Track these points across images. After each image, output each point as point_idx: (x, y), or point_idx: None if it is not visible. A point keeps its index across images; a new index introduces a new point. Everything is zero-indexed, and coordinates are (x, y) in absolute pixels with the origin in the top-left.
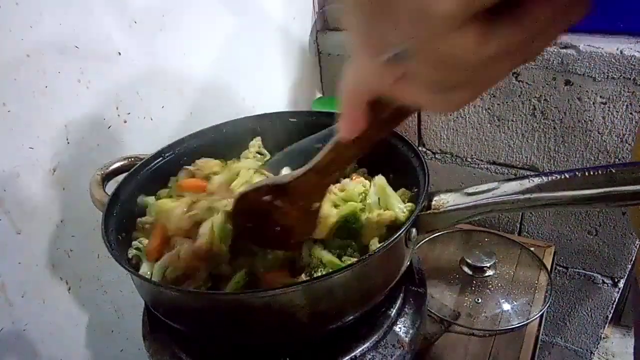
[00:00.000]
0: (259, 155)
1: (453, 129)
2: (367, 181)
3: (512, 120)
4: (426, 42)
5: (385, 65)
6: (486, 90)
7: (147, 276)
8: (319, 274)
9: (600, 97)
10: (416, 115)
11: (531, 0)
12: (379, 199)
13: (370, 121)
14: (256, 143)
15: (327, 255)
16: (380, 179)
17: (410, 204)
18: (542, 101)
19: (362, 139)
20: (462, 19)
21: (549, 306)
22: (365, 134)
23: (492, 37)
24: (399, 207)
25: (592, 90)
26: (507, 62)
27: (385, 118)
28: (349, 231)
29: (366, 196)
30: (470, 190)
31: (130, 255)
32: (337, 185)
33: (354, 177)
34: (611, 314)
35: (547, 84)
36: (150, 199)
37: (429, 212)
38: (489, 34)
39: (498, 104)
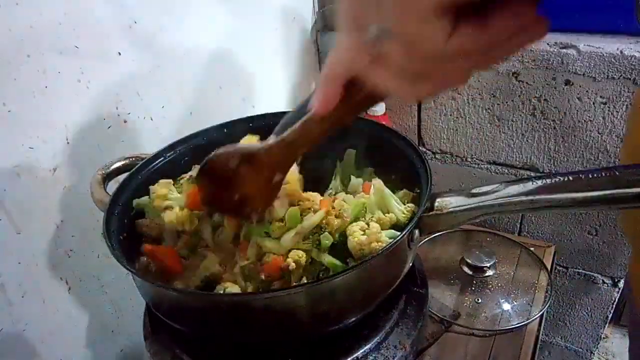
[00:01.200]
0: None
1: (453, 129)
2: (367, 196)
3: (512, 120)
4: (404, 24)
5: (364, 45)
6: (446, 88)
7: None
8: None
9: (600, 97)
10: (416, 115)
11: (499, 13)
12: (378, 203)
13: (342, 100)
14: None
15: (329, 258)
16: (378, 183)
17: (410, 204)
18: (542, 101)
19: (332, 117)
20: (440, 9)
21: (549, 306)
22: (336, 112)
23: (458, 34)
24: (398, 208)
25: (592, 90)
26: (466, 63)
27: (356, 100)
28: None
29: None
30: (473, 191)
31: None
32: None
33: (365, 185)
34: (611, 314)
35: (547, 84)
36: (144, 200)
37: (431, 213)
38: (457, 30)
39: (498, 104)
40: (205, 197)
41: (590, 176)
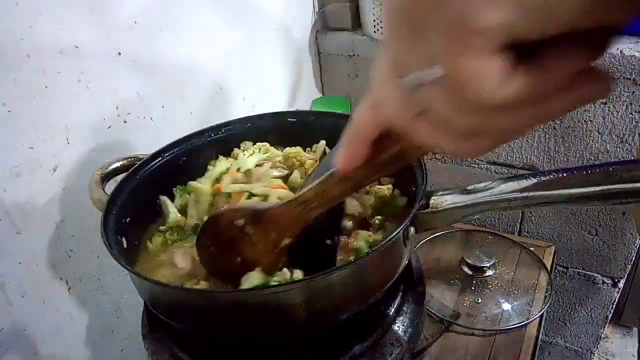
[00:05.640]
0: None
1: None
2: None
3: None
4: (454, 60)
5: (407, 94)
6: (502, 143)
7: None
8: None
9: None
10: None
11: (555, 58)
12: None
13: (370, 158)
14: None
15: None
16: None
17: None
18: None
19: (355, 178)
20: (496, 41)
21: (549, 306)
22: (361, 172)
23: (515, 75)
24: None
25: None
26: (524, 114)
27: (386, 159)
28: None
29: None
30: (468, 188)
31: None
32: None
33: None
34: (611, 314)
35: None
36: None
37: (427, 210)
38: (513, 70)
39: None
40: (205, 259)
41: (585, 172)
